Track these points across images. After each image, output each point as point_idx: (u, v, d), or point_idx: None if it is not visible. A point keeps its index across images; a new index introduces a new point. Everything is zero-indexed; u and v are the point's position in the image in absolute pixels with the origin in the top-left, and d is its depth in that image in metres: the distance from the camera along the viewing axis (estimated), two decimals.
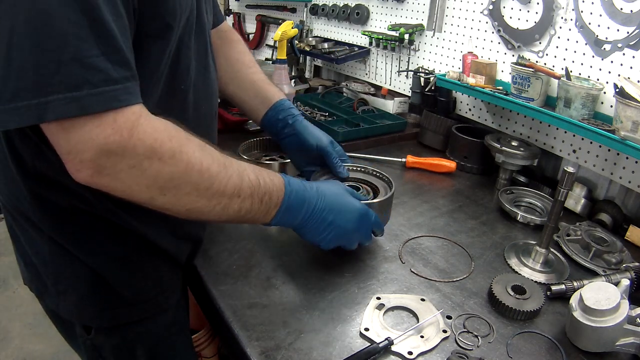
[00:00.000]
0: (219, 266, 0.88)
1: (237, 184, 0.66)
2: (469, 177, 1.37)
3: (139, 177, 0.57)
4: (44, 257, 0.74)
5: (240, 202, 0.67)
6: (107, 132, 0.53)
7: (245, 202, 0.68)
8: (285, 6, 2.46)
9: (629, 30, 1.08)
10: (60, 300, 0.76)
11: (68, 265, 0.73)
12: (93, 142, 0.52)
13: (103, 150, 0.53)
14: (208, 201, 0.63)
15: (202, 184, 0.62)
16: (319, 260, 0.91)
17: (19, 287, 2.48)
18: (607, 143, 1.00)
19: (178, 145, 0.59)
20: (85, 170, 0.54)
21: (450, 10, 1.54)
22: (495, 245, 1.02)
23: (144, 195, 0.59)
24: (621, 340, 0.72)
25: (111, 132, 0.53)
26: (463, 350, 0.72)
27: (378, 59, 1.93)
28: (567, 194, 0.85)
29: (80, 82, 0.50)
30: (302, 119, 1.00)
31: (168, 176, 0.58)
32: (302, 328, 0.74)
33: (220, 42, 1.03)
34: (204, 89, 0.81)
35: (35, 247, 0.75)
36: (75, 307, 0.76)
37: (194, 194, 0.61)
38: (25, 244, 0.76)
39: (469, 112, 1.59)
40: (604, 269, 0.94)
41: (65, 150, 0.54)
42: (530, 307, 0.79)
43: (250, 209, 0.69)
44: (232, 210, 0.67)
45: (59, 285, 0.75)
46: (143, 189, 0.58)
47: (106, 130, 0.52)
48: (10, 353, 2.09)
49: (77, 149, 0.53)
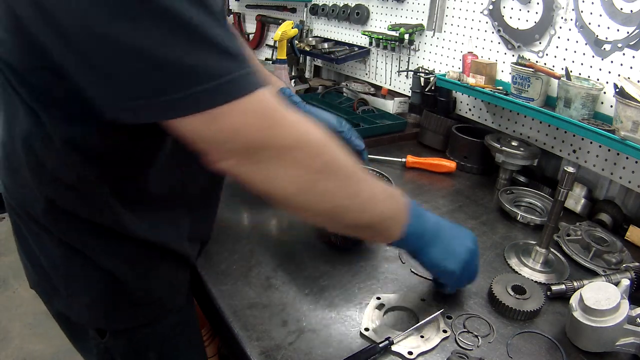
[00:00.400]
0: (219, 266, 0.88)
1: (373, 184, 0.63)
2: (469, 177, 1.37)
3: (287, 167, 0.54)
4: (54, 260, 0.73)
5: (377, 205, 0.64)
6: (255, 119, 0.51)
7: (381, 205, 0.64)
8: (285, 6, 2.46)
9: (629, 30, 1.08)
10: (72, 304, 0.75)
11: (80, 268, 0.72)
12: (241, 131, 0.50)
13: (251, 139, 0.51)
14: (351, 199, 0.60)
15: (347, 179, 0.59)
16: (319, 261, 0.91)
17: (19, 287, 2.48)
18: (607, 143, 1.00)
19: (324, 136, 0.57)
20: (229, 160, 0.53)
21: (450, 10, 1.54)
22: (495, 245, 1.02)
23: (289, 189, 0.56)
24: (621, 340, 0.72)
25: (258, 119, 0.51)
26: (463, 350, 0.72)
27: (378, 59, 1.93)
28: (567, 194, 0.85)
29: (224, 69, 0.48)
30: (305, 104, 0.97)
31: (317, 167, 0.56)
32: (302, 328, 0.74)
33: None
34: None
35: (45, 250, 0.73)
36: (88, 310, 0.75)
37: (339, 189, 0.59)
38: (35, 246, 0.74)
39: (469, 112, 1.59)
40: (604, 269, 0.94)
41: (209, 140, 0.51)
42: (530, 307, 0.79)
43: (385, 215, 0.66)
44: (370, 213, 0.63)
45: (71, 288, 0.74)
46: (290, 180, 0.55)
47: (254, 117, 0.51)
48: (10, 353, 2.09)
49: (224, 138, 0.51)
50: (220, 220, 0.88)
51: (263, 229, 1.00)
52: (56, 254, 0.72)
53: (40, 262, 0.75)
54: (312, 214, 0.61)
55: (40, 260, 0.75)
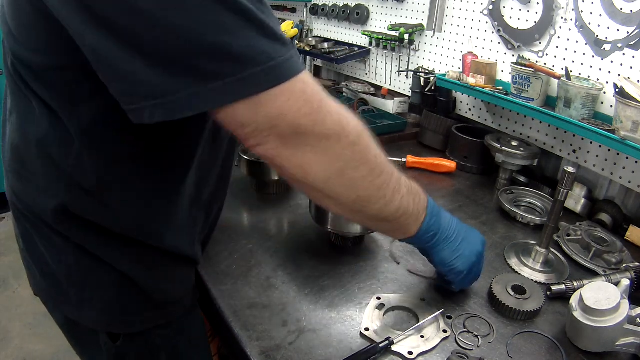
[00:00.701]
0: (219, 266, 0.88)
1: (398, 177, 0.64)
2: (469, 177, 1.37)
3: (323, 153, 0.54)
4: (68, 265, 0.71)
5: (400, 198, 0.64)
6: (300, 103, 0.50)
7: (403, 199, 0.65)
8: (285, 6, 2.46)
9: (629, 30, 1.08)
10: (84, 309, 0.73)
11: (95, 273, 0.70)
12: (286, 116, 0.50)
13: (295, 123, 0.50)
14: (377, 190, 0.60)
15: (376, 170, 0.59)
16: (319, 261, 0.91)
17: (19, 287, 2.48)
18: (607, 143, 1.00)
19: (360, 125, 0.57)
20: (271, 142, 0.51)
21: (450, 10, 1.54)
22: (495, 245, 1.02)
23: (321, 175, 0.55)
24: (621, 340, 0.72)
25: (303, 104, 0.50)
26: (463, 350, 0.72)
27: (378, 59, 1.93)
28: (567, 194, 0.85)
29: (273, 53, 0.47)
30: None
31: (351, 155, 0.56)
32: (302, 328, 0.74)
33: None
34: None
35: (58, 256, 0.71)
36: (102, 314, 0.73)
37: (368, 179, 0.59)
38: (46, 252, 0.72)
39: (469, 112, 1.59)
40: (604, 269, 0.94)
41: (254, 125, 0.50)
42: (531, 307, 0.79)
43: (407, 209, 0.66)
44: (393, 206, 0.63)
45: (85, 293, 0.72)
46: (324, 167, 0.55)
47: (299, 102, 0.50)
48: (10, 353, 2.09)
49: (269, 122, 0.50)
50: (220, 220, 0.88)
51: (263, 229, 1.00)
52: (70, 260, 0.70)
53: (50, 268, 0.73)
54: (338, 202, 0.60)
55: (50, 267, 0.73)
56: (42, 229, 0.70)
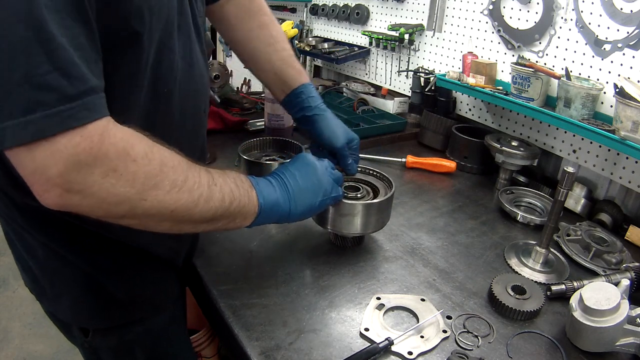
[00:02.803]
0: (219, 266, 0.88)
1: (209, 175, 0.64)
2: (469, 177, 1.37)
3: (114, 187, 0.53)
4: (39, 261, 0.74)
5: (219, 189, 0.64)
6: (76, 140, 0.49)
7: (223, 188, 0.65)
8: (285, 6, 2.46)
9: (629, 30, 1.08)
10: (57, 303, 0.77)
11: (62, 269, 0.73)
12: (61, 155, 0.48)
13: (72, 162, 0.49)
14: (189, 194, 0.60)
15: (179, 178, 0.59)
16: (319, 261, 0.91)
17: (19, 287, 2.48)
18: (607, 143, 1.00)
19: (148, 145, 0.57)
20: (53, 190, 0.50)
21: (450, 10, 1.54)
22: (495, 245, 1.02)
23: (123, 207, 0.55)
24: (621, 340, 0.72)
25: (80, 140, 0.49)
26: (463, 350, 0.72)
27: (378, 59, 1.93)
28: (567, 194, 0.85)
29: (33, 104, 0.46)
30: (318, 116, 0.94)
31: (144, 176, 0.55)
32: (302, 328, 0.74)
33: (238, 16, 0.96)
34: (190, 87, 0.76)
35: (31, 252, 0.75)
36: (71, 309, 0.77)
37: (174, 190, 0.58)
38: (22, 249, 0.76)
39: (469, 112, 1.59)
40: (604, 269, 0.94)
41: (30, 170, 0.49)
42: (530, 307, 0.79)
43: (232, 195, 0.66)
44: (217, 200, 0.63)
45: (55, 288, 0.76)
46: (121, 199, 0.54)
47: (74, 138, 0.49)
48: (10, 353, 2.09)
49: (44, 165, 0.49)
50: None
51: (263, 229, 1.00)
52: (40, 255, 0.73)
53: (28, 263, 0.77)
54: (156, 220, 0.59)
55: (28, 262, 0.76)
56: (15, 227, 0.74)
